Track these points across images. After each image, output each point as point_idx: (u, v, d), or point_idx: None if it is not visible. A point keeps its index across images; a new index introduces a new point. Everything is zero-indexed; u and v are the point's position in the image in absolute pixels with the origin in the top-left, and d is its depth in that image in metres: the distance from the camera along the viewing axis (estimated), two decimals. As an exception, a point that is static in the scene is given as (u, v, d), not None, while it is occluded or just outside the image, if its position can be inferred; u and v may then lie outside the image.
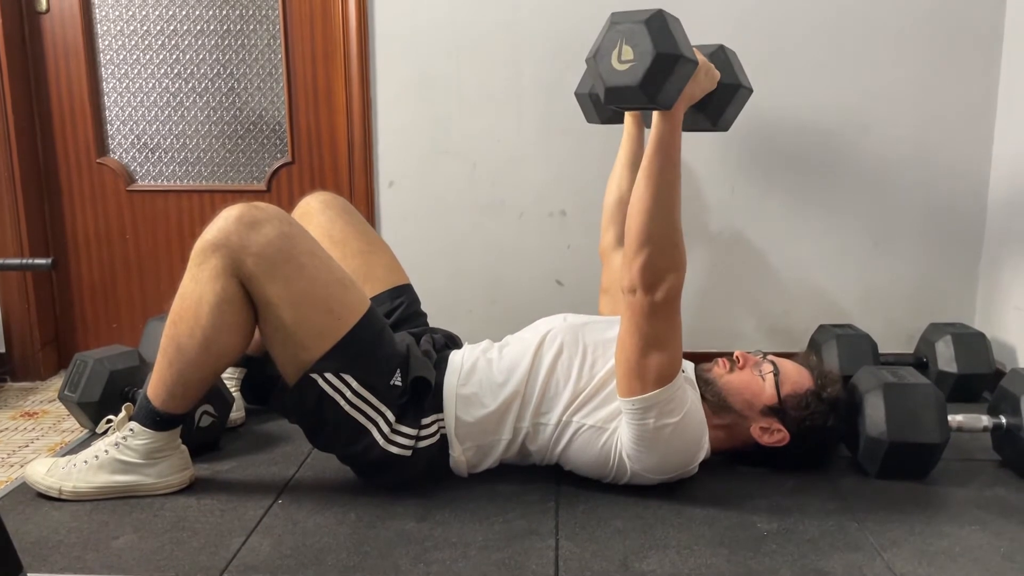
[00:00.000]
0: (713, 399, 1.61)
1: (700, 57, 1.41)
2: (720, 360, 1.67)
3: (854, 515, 1.50)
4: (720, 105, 1.55)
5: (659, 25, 1.27)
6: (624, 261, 1.43)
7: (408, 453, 1.53)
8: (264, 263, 1.42)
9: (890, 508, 1.53)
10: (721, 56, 1.56)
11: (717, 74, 1.50)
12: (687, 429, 1.49)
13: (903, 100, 2.28)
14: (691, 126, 1.61)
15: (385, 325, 1.58)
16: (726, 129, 1.67)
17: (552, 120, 2.35)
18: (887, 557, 1.35)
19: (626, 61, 1.27)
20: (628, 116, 2.08)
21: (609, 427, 1.52)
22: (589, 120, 2.10)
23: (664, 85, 1.29)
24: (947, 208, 2.33)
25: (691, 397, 1.52)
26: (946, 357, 2.12)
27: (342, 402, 1.48)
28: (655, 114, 1.39)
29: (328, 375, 1.47)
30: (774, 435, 1.60)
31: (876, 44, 2.26)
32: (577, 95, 2.11)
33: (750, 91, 1.63)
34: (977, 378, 2.10)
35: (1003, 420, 1.67)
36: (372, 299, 1.62)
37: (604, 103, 1.35)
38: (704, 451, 1.56)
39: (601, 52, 1.31)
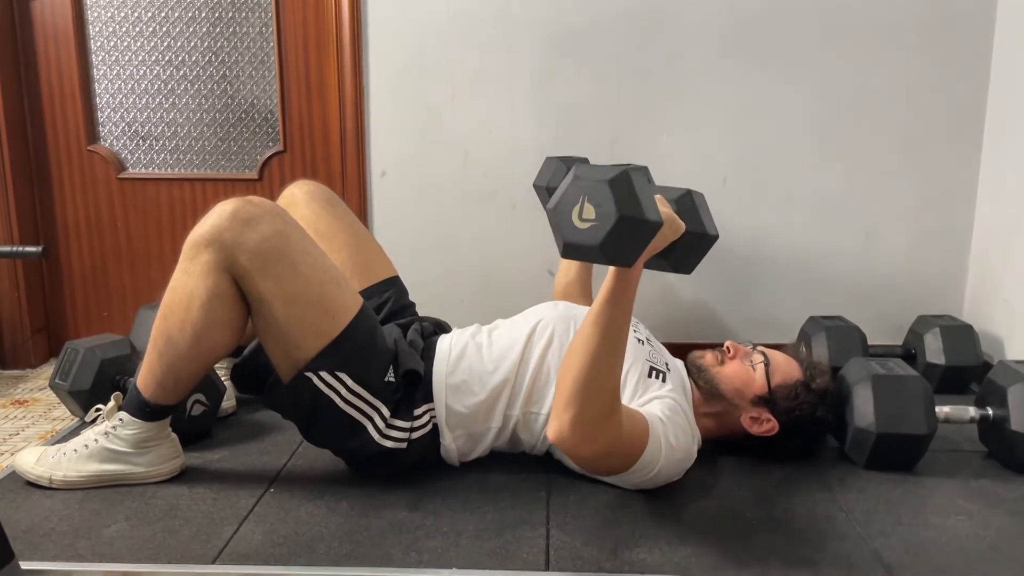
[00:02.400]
0: (705, 386, 1.64)
1: (665, 210, 1.33)
2: (712, 351, 1.69)
3: (842, 505, 1.51)
4: (683, 254, 1.47)
5: (624, 185, 1.19)
6: (554, 408, 1.33)
7: (403, 446, 1.54)
8: (258, 260, 1.41)
9: (877, 498, 1.54)
10: (687, 202, 1.47)
11: (682, 226, 1.40)
12: (666, 471, 1.47)
13: (895, 93, 2.29)
14: (649, 266, 1.51)
15: (377, 322, 1.58)
16: (688, 272, 1.58)
17: (545, 110, 2.35)
18: (874, 547, 1.37)
19: (587, 220, 1.19)
20: None
21: None
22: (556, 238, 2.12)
23: (625, 247, 1.21)
24: (936, 201, 2.34)
25: (669, 435, 1.45)
26: (934, 349, 2.14)
27: (337, 400, 1.48)
28: (611, 267, 1.30)
29: (323, 373, 1.46)
30: (763, 425, 1.61)
31: (869, 38, 2.26)
32: (536, 187, 2.11)
33: (715, 237, 1.55)
34: (965, 370, 2.12)
35: (990, 412, 1.69)
36: (360, 293, 1.61)
37: (561, 256, 1.26)
38: (692, 460, 1.55)
39: (562, 206, 1.22)
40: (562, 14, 2.28)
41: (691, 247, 1.44)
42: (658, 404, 1.50)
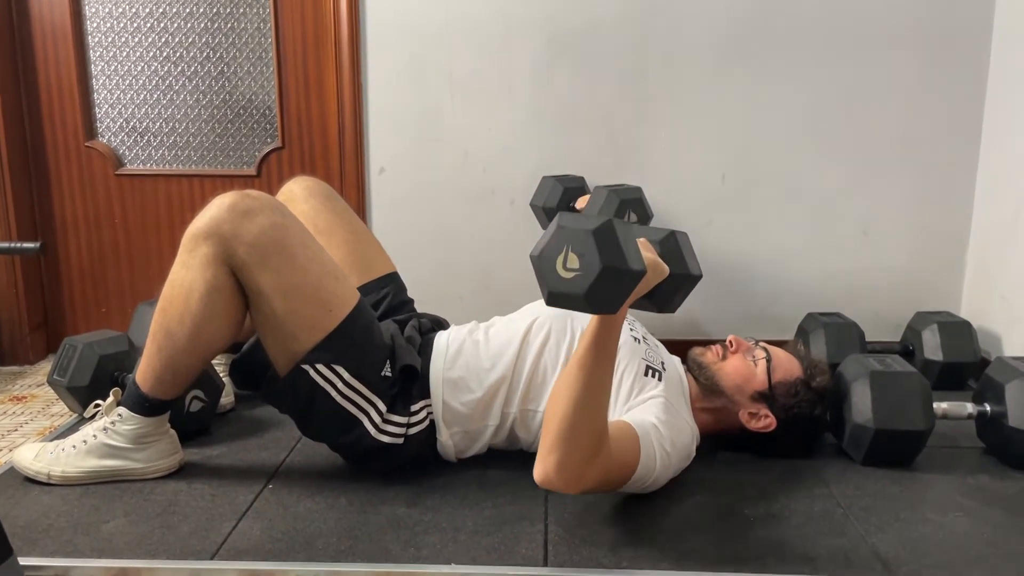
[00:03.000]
0: (705, 382, 1.64)
1: (648, 255, 1.32)
2: (714, 347, 1.69)
3: (840, 501, 1.52)
4: (667, 295, 1.45)
5: (607, 236, 1.19)
6: (539, 451, 1.30)
7: (400, 441, 1.54)
8: (256, 253, 1.41)
9: (875, 494, 1.55)
10: (671, 244, 1.46)
11: (665, 269, 1.39)
12: (662, 478, 1.46)
13: (893, 92, 2.29)
14: (633, 307, 1.49)
15: (374, 317, 1.59)
16: (671, 312, 1.55)
17: (543, 108, 2.35)
18: (872, 542, 1.37)
19: (571, 269, 1.19)
20: None
21: None
22: (544, 228, 2.16)
23: (609, 296, 1.22)
24: (934, 198, 2.34)
25: (664, 442, 1.43)
26: (932, 345, 2.14)
27: (334, 393, 1.48)
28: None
29: (320, 366, 1.47)
30: (761, 420, 1.61)
31: (867, 38, 2.26)
32: (532, 207, 2.14)
33: (699, 277, 1.52)
34: (963, 366, 2.12)
35: (987, 408, 1.69)
36: (359, 289, 1.61)
37: (546, 304, 1.26)
38: (691, 458, 1.55)
39: (545, 255, 1.21)
40: (561, 12, 2.28)
41: (674, 288, 1.44)
42: (652, 406, 1.49)
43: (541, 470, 1.28)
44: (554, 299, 1.22)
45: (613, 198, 2.08)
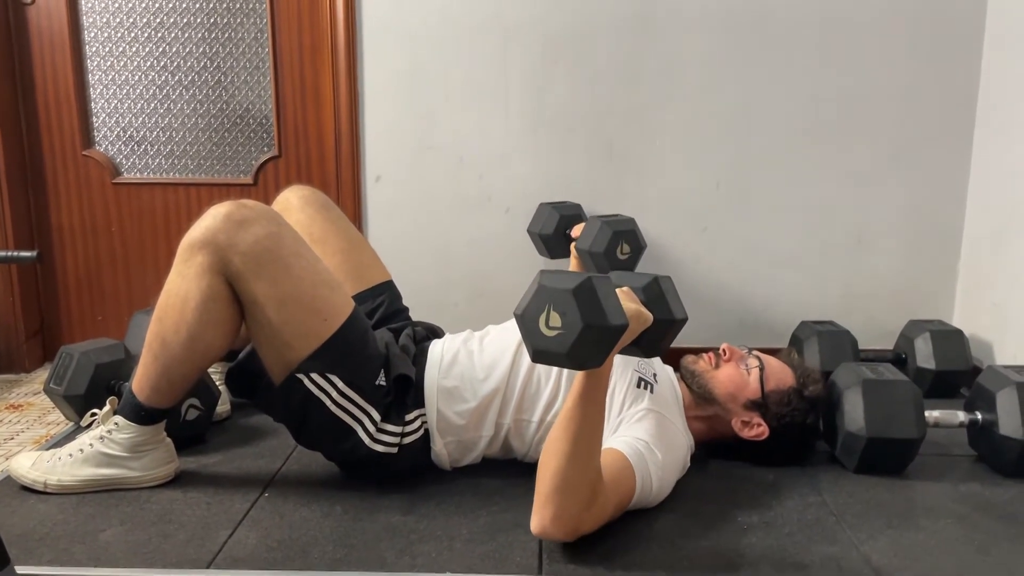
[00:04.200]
0: (698, 390, 1.64)
1: (631, 306, 1.33)
2: (707, 354, 1.70)
3: (832, 509, 1.53)
4: (653, 341, 1.46)
5: (587, 295, 1.20)
6: (536, 503, 1.31)
7: (394, 451, 1.54)
8: (251, 262, 1.42)
9: (867, 502, 1.56)
10: (654, 290, 1.46)
11: (649, 318, 1.39)
12: (658, 495, 1.47)
13: (885, 100, 2.31)
14: (620, 352, 1.53)
15: (369, 326, 1.59)
16: (658, 356, 1.57)
17: (539, 115, 2.36)
18: (864, 550, 1.38)
19: (553, 328, 1.21)
20: (572, 255, 2.19)
21: None
22: (542, 254, 2.29)
23: (592, 352, 1.23)
24: (927, 207, 2.36)
25: (656, 465, 1.43)
26: (924, 354, 2.15)
27: (328, 402, 1.49)
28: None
29: (314, 375, 1.47)
30: (754, 429, 1.62)
31: (860, 46, 2.28)
32: (529, 233, 2.19)
33: (684, 321, 1.52)
34: (955, 374, 2.14)
35: (979, 416, 1.70)
36: (354, 297, 1.62)
37: (532, 361, 1.28)
38: (686, 469, 1.56)
39: (528, 314, 1.23)
40: (555, 20, 2.30)
41: (660, 335, 1.44)
42: (644, 423, 1.49)
43: (538, 522, 1.30)
44: (539, 356, 1.24)
45: (606, 229, 2.10)
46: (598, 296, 1.21)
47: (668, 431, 1.51)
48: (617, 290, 1.29)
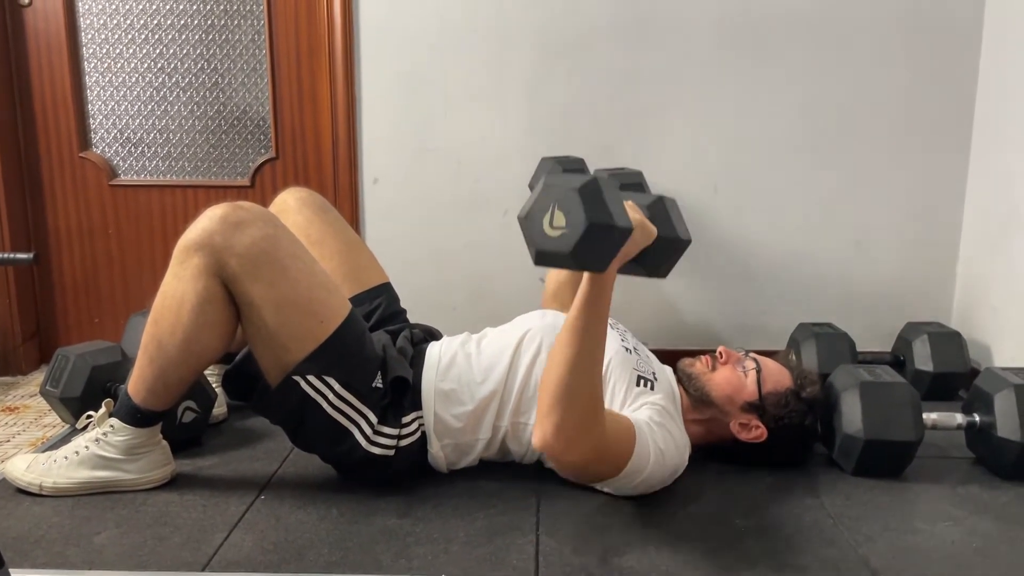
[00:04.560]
0: (695, 393, 1.64)
1: (636, 216, 1.34)
2: (704, 357, 1.69)
3: (830, 511, 1.52)
4: (657, 259, 1.46)
5: (592, 193, 1.20)
6: (538, 416, 1.35)
7: (391, 453, 1.54)
8: (247, 264, 1.42)
9: (865, 504, 1.55)
10: (659, 208, 1.47)
11: (653, 231, 1.41)
12: (656, 477, 1.47)
13: (884, 102, 2.31)
14: (625, 271, 1.50)
15: (366, 328, 1.59)
16: (662, 277, 1.57)
17: (536, 118, 2.36)
18: (862, 552, 1.38)
19: (558, 227, 1.20)
20: None
21: None
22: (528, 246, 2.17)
23: (597, 255, 1.23)
24: (925, 209, 2.36)
25: (658, 440, 1.45)
26: (922, 356, 2.15)
27: (324, 404, 1.48)
28: (586, 273, 1.32)
29: (310, 377, 1.47)
30: (752, 431, 1.62)
31: (857, 48, 2.28)
32: (531, 187, 2.15)
33: (688, 242, 1.53)
34: (953, 376, 2.13)
35: (977, 418, 1.70)
36: (351, 299, 1.62)
37: (535, 263, 1.27)
38: (684, 466, 1.56)
39: (532, 214, 1.23)
40: (554, 23, 2.29)
41: (664, 252, 1.45)
42: (647, 410, 1.51)
43: (539, 433, 1.33)
44: (542, 258, 1.23)
45: (613, 182, 2.07)
46: (603, 196, 1.21)
47: (669, 423, 1.52)
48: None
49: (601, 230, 1.19)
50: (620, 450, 1.41)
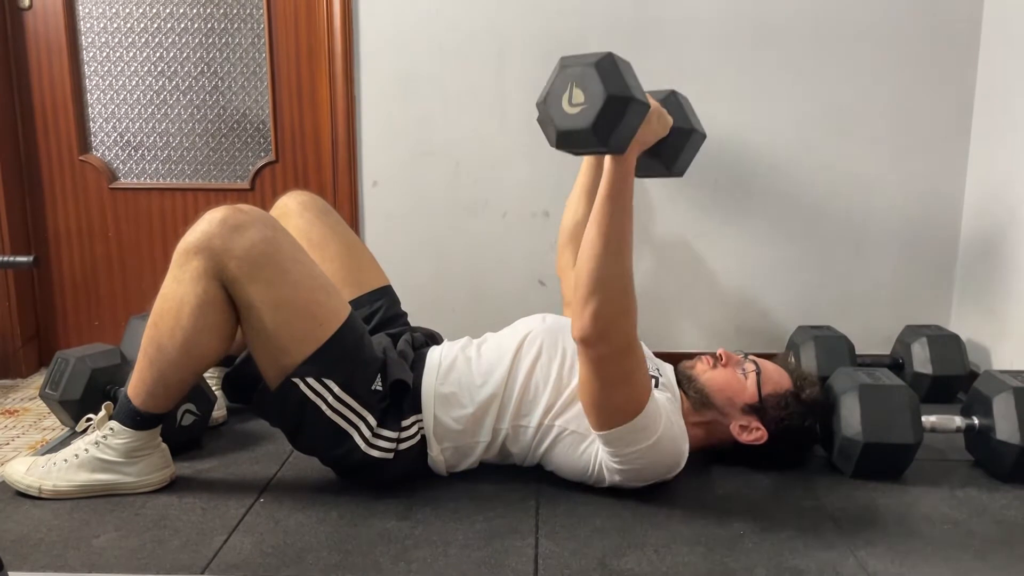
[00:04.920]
0: (695, 396, 1.64)
1: (652, 102, 1.38)
2: (704, 357, 1.70)
3: (829, 514, 1.53)
4: (674, 150, 1.51)
5: (609, 68, 1.23)
6: (575, 308, 1.39)
7: (390, 456, 1.54)
8: (247, 266, 1.42)
9: (864, 507, 1.56)
10: (673, 101, 1.51)
11: (669, 119, 1.46)
12: (664, 447, 1.49)
13: (882, 108, 2.31)
14: (645, 172, 1.56)
15: (365, 331, 1.59)
16: (681, 174, 1.60)
17: (535, 121, 2.35)
18: (860, 556, 1.38)
19: (577, 104, 1.24)
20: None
21: (590, 434, 1.53)
22: (552, 146, 2.12)
23: (616, 128, 1.25)
24: (924, 212, 2.36)
25: (666, 412, 1.49)
26: (921, 359, 2.15)
27: (324, 407, 1.49)
28: (607, 159, 1.35)
29: (310, 380, 1.47)
30: (752, 433, 1.62)
31: (857, 49, 2.28)
32: (539, 122, 2.12)
33: (703, 136, 1.57)
34: (952, 379, 2.14)
35: (975, 421, 1.71)
36: (352, 302, 1.62)
37: (556, 147, 1.30)
38: (684, 459, 1.56)
39: (551, 95, 1.27)
40: (552, 25, 2.30)
41: (680, 144, 1.48)
42: (657, 393, 1.53)
43: (578, 325, 1.38)
44: (563, 138, 1.26)
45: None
46: (619, 69, 1.24)
47: (674, 414, 1.54)
48: None
49: (620, 102, 1.22)
50: (641, 383, 1.43)
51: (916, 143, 2.32)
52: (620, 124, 1.25)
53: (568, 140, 1.26)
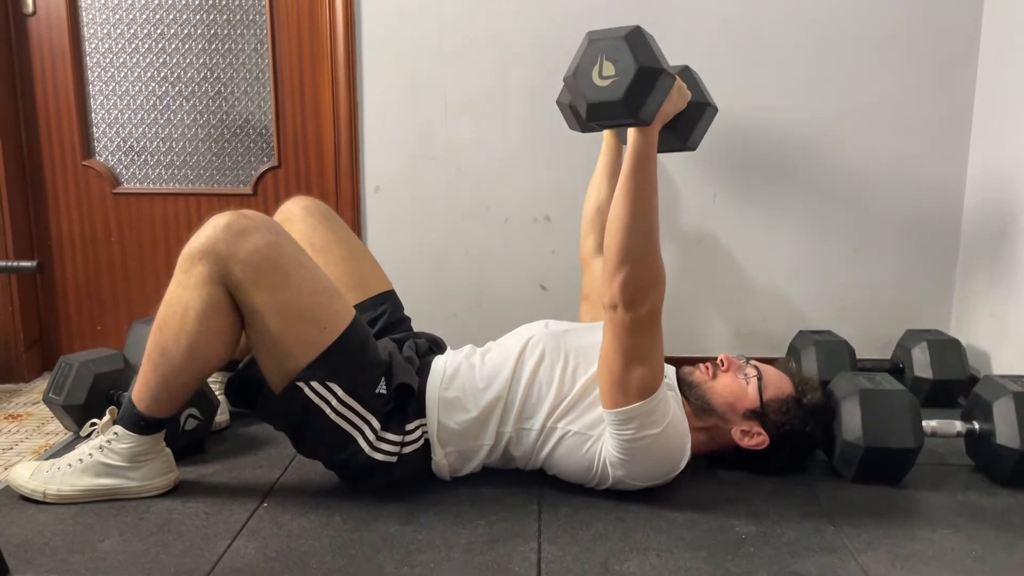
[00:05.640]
0: (696, 401, 1.65)
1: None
2: (704, 364, 1.70)
3: (830, 519, 1.53)
4: (690, 124, 1.55)
5: (639, 40, 1.27)
6: (605, 278, 1.43)
7: (393, 459, 1.55)
8: (251, 271, 1.43)
9: (865, 512, 1.56)
10: (688, 76, 1.56)
11: (688, 93, 1.50)
12: (669, 439, 1.51)
13: (881, 112, 2.32)
14: (661, 146, 1.58)
15: (369, 334, 1.60)
16: (695, 148, 1.65)
17: (537, 126, 2.37)
18: (862, 560, 1.38)
19: (607, 77, 1.27)
20: (607, 136, 2.15)
21: (593, 434, 1.54)
22: (571, 128, 2.13)
23: (646, 99, 1.28)
24: (924, 217, 2.37)
25: (673, 406, 1.52)
26: (922, 363, 2.16)
27: (328, 411, 1.49)
28: (631, 131, 1.38)
29: (314, 384, 1.48)
30: (754, 438, 1.63)
31: (855, 57, 2.29)
32: (559, 104, 2.13)
33: (716, 110, 1.62)
34: (952, 384, 2.14)
35: (976, 425, 1.71)
36: (355, 307, 1.63)
37: (587, 120, 1.33)
38: (687, 457, 1.57)
39: (581, 69, 1.30)
40: (554, 30, 2.31)
41: (696, 118, 1.53)
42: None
43: (608, 293, 1.42)
44: (594, 110, 1.29)
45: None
46: (648, 42, 1.27)
47: (678, 410, 1.55)
48: None
49: (651, 74, 1.25)
50: (658, 363, 1.46)
51: (915, 146, 2.33)
52: (650, 96, 1.28)
53: (599, 112, 1.30)
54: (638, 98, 1.27)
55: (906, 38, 2.28)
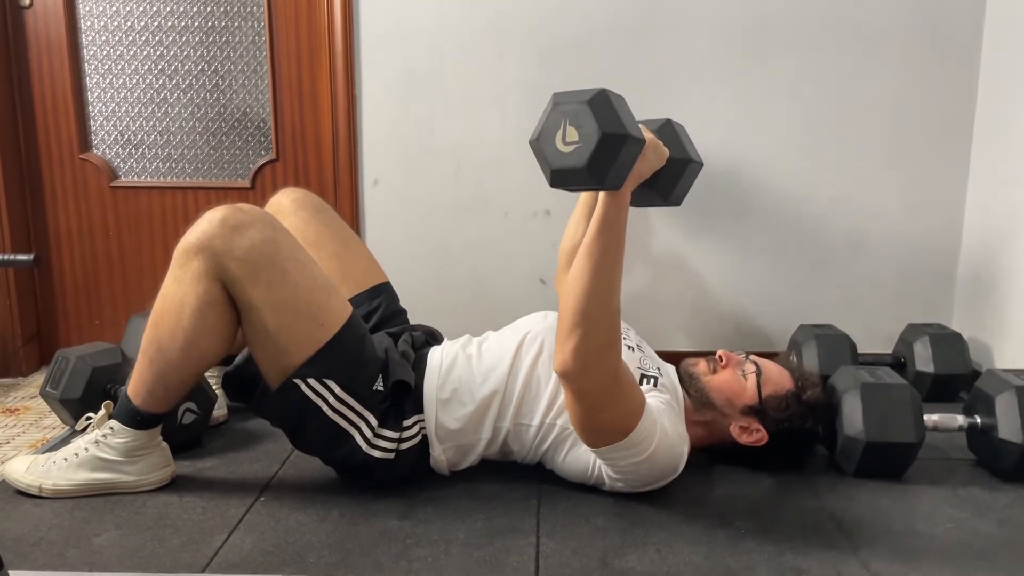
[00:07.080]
0: (696, 395, 1.64)
1: (647, 134, 1.36)
2: (704, 359, 1.69)
3: (831, 513, 1.52)
4: (670, 181, 1.48)
5: (603, 104, 1.21)
6: (558, 339, 1.36)
7: (391, 456, 1.54)
8: (247, 267, 1.42)
9: (866, 507, 1.55)
10: (668, 131, 1.48)
11: (665, 151, 1.44)
12: (658, 458, 1.46)
13: (884, 102, 2.30)
14: (641, 202, 1.54)
15: (366, 331, 1.59)
16: (678, 204, 1.58)
17: (536, 119, 2.34)
18: (862, 555, 1.37)
19: (571, 143, 1.21)
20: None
21: None
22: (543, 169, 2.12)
23: (611, 166, 1.22)
24: (925, 210, 2.35)
25: (662, 423, 1.46)
26: (924, 357, 2.15)
27: (325, 408, 1.48)
28: (602, 193, 1.32)
29: (311, 380, 1.47)
30: (753, 435, 1.62)
31: (857, 49, 2.28)
32: (531, 144, 2.12)
33: (700, 165, 1.54)
34: (954, 378, 2.13)
35: (978, 420, 1.70)
36: (351, 300, 1.62)
37: (551, 185, 1.28)
38: (683, 461, 1.55)
39: (544, 134, 1.24)
40: (553, 26, 2.29)
41: (677, 175, 1.45)
42: (653, 398, 1.52)
43: (559, 358, 1.35)
44: (557, 177, 1.23)
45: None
46: (613, 106, 1.21)
47: (673, 416, 1.53)
48: None
49: (615, 140, 1.19)
50: (632, 403, 1.39)
51: (918, 142, 2.32)
52: (615, 162, 1.22)
53: (563, 179, 1.23)
54: (603, 165, 1.21)
55: (908, 30, 2.27)
